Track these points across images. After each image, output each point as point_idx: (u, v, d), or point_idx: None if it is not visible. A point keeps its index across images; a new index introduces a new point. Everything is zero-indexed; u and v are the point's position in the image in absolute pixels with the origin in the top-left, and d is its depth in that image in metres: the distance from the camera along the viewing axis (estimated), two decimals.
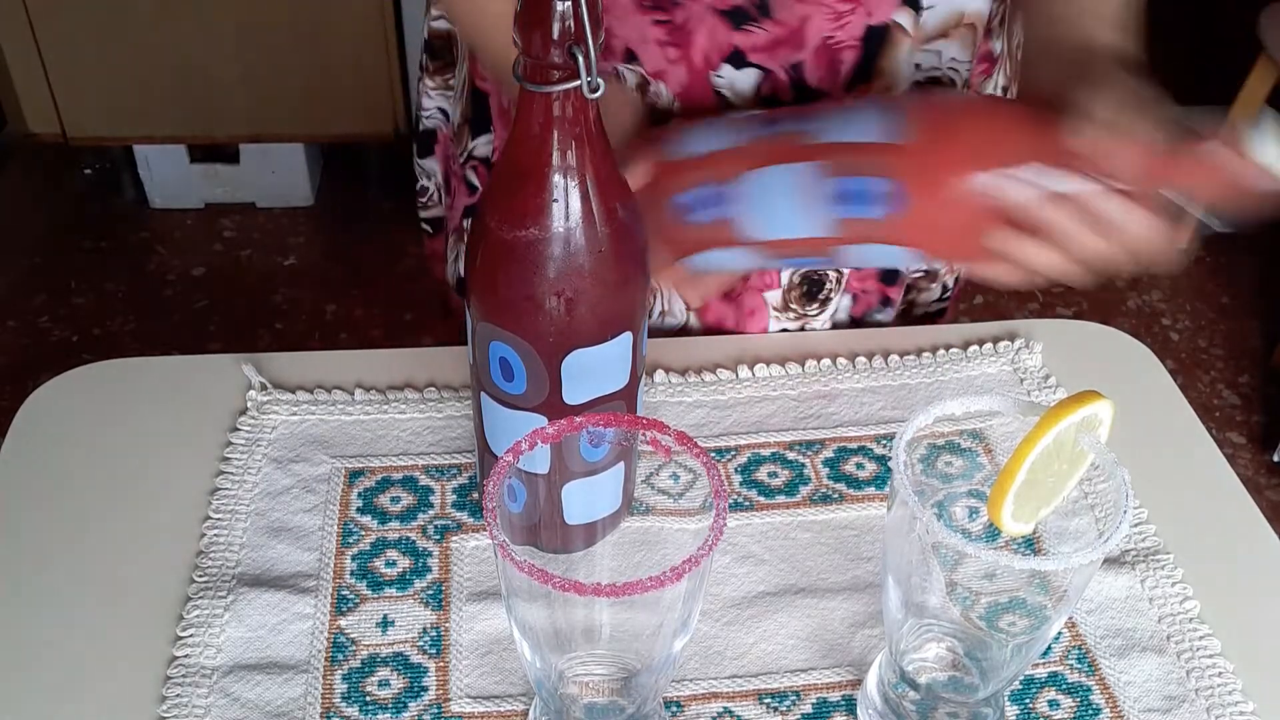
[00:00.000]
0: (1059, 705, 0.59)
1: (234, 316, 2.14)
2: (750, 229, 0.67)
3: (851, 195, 0.63)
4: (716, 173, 0.68)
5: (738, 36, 0.72)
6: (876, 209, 0.63)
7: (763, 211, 0.67)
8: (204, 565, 0.63)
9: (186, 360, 0.77)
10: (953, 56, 0.74)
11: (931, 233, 0.64)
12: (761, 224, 0.67)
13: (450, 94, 0.88)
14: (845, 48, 0.72)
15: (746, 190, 0.66)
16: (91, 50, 2.07)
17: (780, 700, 0.59)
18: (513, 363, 0.56)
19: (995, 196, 0.60)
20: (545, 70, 0.50)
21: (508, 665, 0.60)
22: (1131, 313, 2.27)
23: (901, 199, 0.62)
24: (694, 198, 0.68)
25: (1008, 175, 0.60)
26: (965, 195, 0.61)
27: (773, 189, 0.66)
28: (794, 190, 0.65)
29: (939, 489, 0.56)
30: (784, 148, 0.66)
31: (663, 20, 0.72)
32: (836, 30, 0.72)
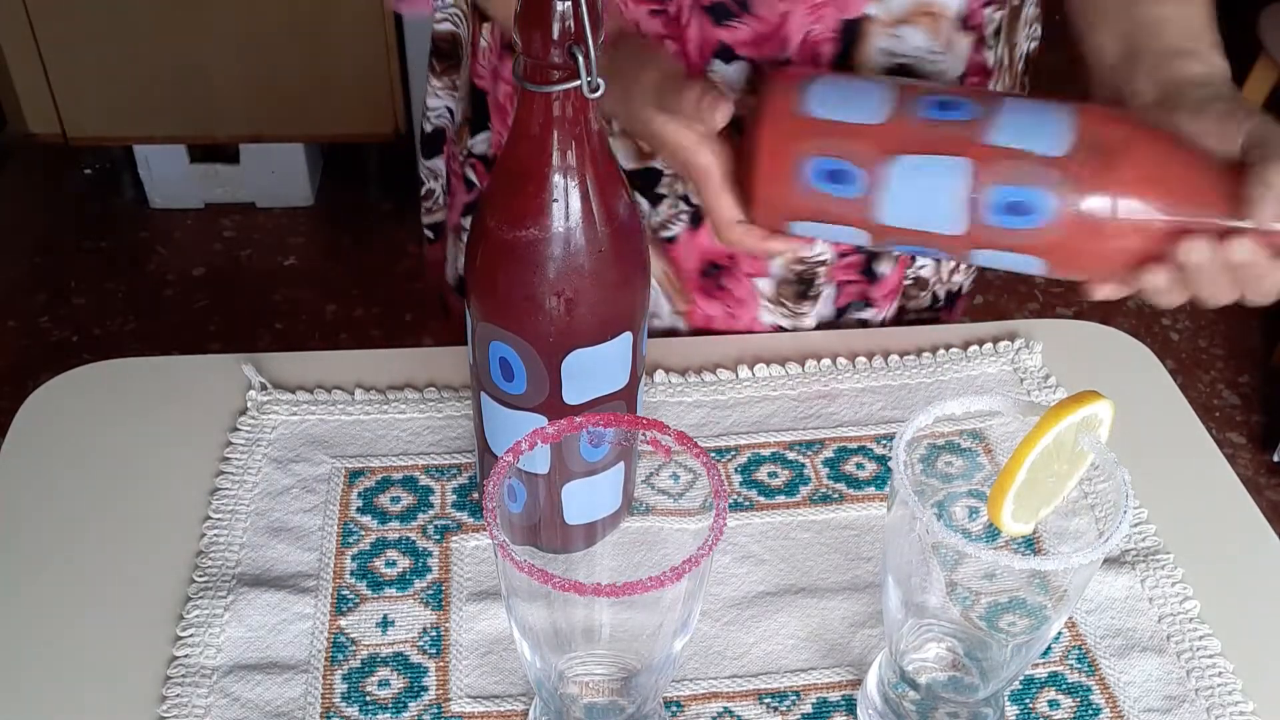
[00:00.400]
0: (1059, 705, 0.59)
1: (234, 316, 2.14)
2: (886, 215, 0.64)
3: (1004, 205, 0.61)
4: (862, 148, 0.63)
5: (722, 32, 0.72)
6: (1027, 221, 0.61)
7: (905, 201, 0.63)
8: (204, 565, 0.63)
9: (186, 360, 0.77)
10: (917, 45, 0.73)
11: (1071, 253, 0.61)
12: (901, 212, 0.63)
13: (455, 94, 0.88)
14: (824, 40, 0.72)
15: (896, 175, 0.62)
16: (91, 50, 2.07)
17: (780, 700, 0.59)
18: (513, 363, 0.56)
19: (1154, 230, 0.59)
20: (545, 70, 0.50)
21: (508, 665, 0.60)
22: (1131, 313, 2.27)
23: (1055, 216, 0.60)
24: (831, 167, 0.63)
25: (1175, 213, 0.58)
26: (1120, 223, 0.59)
27: (924, 181, 0.62)
28: (947, 186, 0.62)
29: (939, 489, 0.56)
30: (940, 138, 0.62)
31: (657, 10, 0.73)
32: (814, 23, 0.72)
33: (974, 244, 0.63)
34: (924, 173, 0.62)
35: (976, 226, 0.62)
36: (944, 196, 0.62)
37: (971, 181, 0.61)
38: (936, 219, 0.63)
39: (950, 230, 0.63)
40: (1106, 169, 0.59)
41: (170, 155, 2.28)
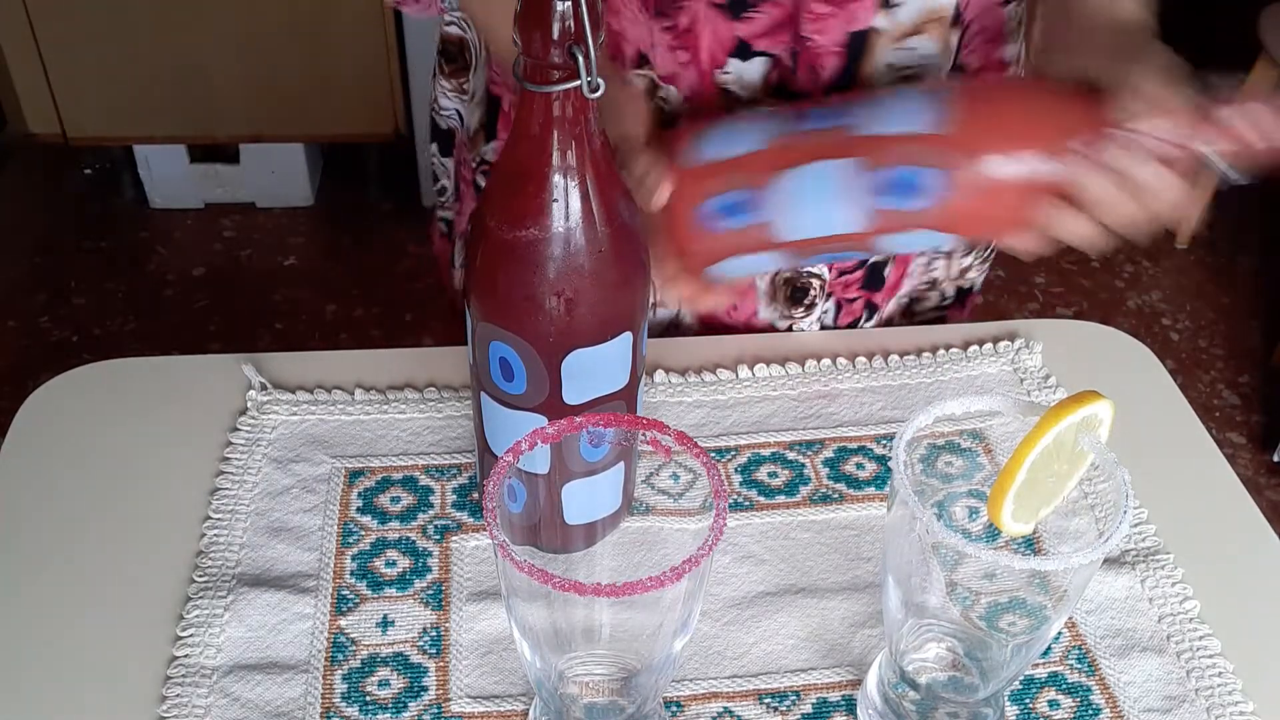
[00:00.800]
0: (1059, 705, 0.59)
1: (234, 316, 2.14)
2: (789, 230, 0.66)
3: (894, 188, 0.63)
4: (748, 175, 0.66)
5: (739, 26, 0.72)
6: (919, 200, 0.63)
7: (803, 211, 0.65)
8: (204, 565, 0.63)
9: (186, 360, 0.77)
10: (927, 53, 0.74)
11: (969, 215, 0.63)
12: (801, 224, 0.66)
13: (464, 97, 0.88)
14: (828, 53, 0.72)
15: (785, 190, 0.65)
16: (91, 50, 2.07)
17: (780, 700, 0.59)
18: (513, 363, 0.56)
19: (1038, 176, 0.61)
20: (545, 70, 0.50)
21: (508, 665, 0.60)
22: (1131, 313, 2.27)
23: (944, 186, 0.62)
24: (725, 203, 0.66)
25: (1050, 155, 0.60)
26: (1008, 178, 0.61)
27: (814, 187, 0.64)
28: (836, 187, 0.64)
29: (939, 489, 0.56)
30: (821, 144, 0.65)
31: (668, 26, 0.72)
32: (816, 33, 0.72)
33: (879, 234, 0.65)
34: (810, 180, 0.64)
35: (876, 216, 0.64)
36: (835, 196, 0.64)
37: (857, 175, 0.63)
38: (835, 220, 0.65)
39: (851, 228, 0.65)
40: (982, 130, 0.62)
41: (170, 155, 2.28)
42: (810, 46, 0.72)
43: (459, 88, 0.88)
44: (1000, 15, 0.76)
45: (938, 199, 0.62)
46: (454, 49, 0.87)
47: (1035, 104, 0.63)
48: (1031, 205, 0.62)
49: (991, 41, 0.77)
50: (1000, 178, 0.61)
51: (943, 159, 0.62)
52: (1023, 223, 0.63)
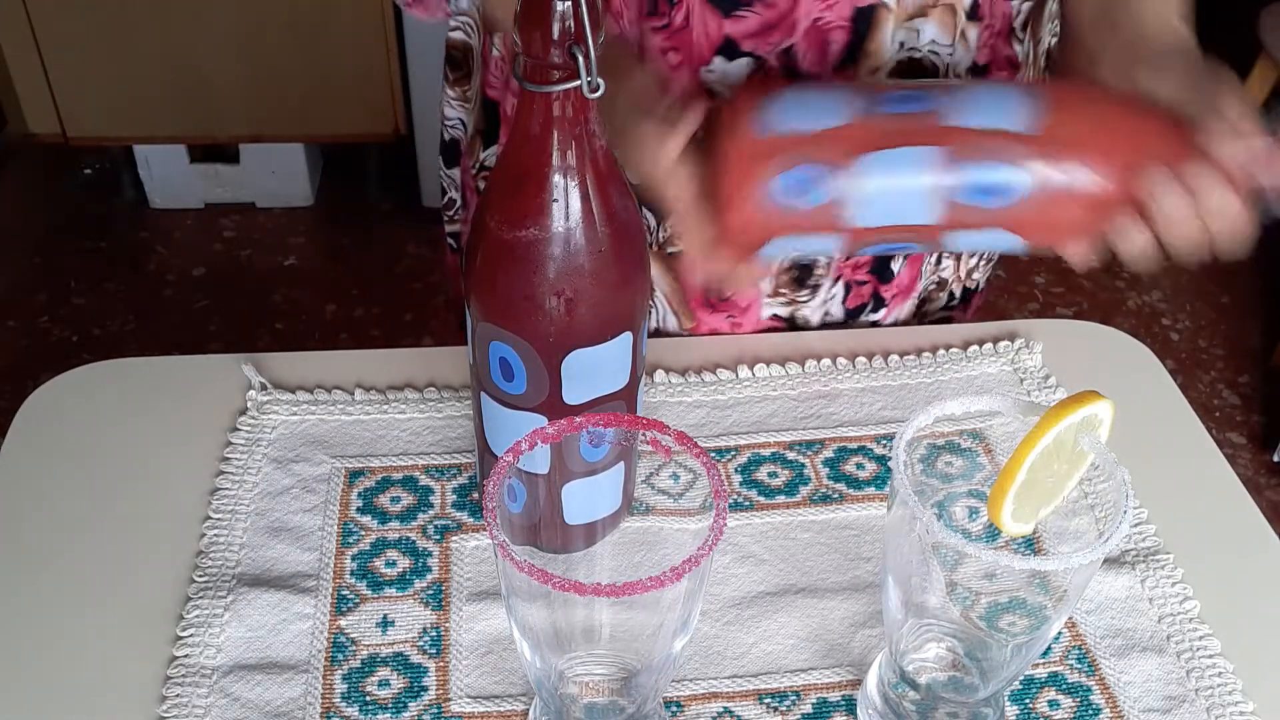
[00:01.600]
0: (1059, 705, 0.59)
1: (234, 316, 2.14)
2: (859, 215, 0.63)
3: (980, 185, 0.61)
4: (825, 152, 0.62)
5: (729, 25, 0.72)
6: (1003, 199, 0.62)
7: (878, 197, 0.63)
8: (204, 565, 0.63)
9: (186, 360, 0.77)
10: (931, 38, 0.74)
11: (1046, 223, 0.63)
12: (874, 210, 0.63)
13: (468, 105, 0.88)
14: (835, 28, 0.72)
15: (867, 172, 0.62)
16: (91, 50, 2.07)
17: (780, 700, 0.59)
18: (513, 363, 0.56)
19: (1118, 189, 0.61)
20: (545, 70, 0.50)
21: (508, 665, 0.60)
22: (1131, 313, 2.27)
23: (1030, 190, 0.61)
24: (796, 179, 0.62)
25: (1133, 170, 0.60)
26: (1089, 188, 0.61)
27: (895, 173, 0.62)
28: (921, 175, 0.62)
29: (939, 489, 0.56)
30: (907, 129, 0.62)
31: (660, 26, 0.72)
32: (825, 10, 0.72)
33: (949, 230, 0.64)
34: (893, 165, 0.62)
35: (951, 211, 0.63)
36: (915, 186, 0.62)
37: (941, 166, 0.61)
38: (910, 211, 0.63)
39: (925, 220, 0.63)
40: (1073, 137, 0.61)
41: (170, 155, 2.28)
42: (819, 23, 0.72)
43: (463, 95, 0.87)
44: (1006, 9, 0.76)
45: (1019, 200, 0.61)
46: (459, 55, 0.86)
47: (1123, 116, 0.63)
48: (1105, 217, 0.61)
49: (999, 36, 0.77)
50: (1081, 187, 0.61)
51: (1025, 159, 0.61)
52: (1092, 233, 0.62)
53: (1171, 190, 0.60)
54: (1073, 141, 0.61)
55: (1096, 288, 2.33)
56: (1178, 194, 0.60)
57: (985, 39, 0.76)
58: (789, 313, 0.84)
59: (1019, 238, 0.64)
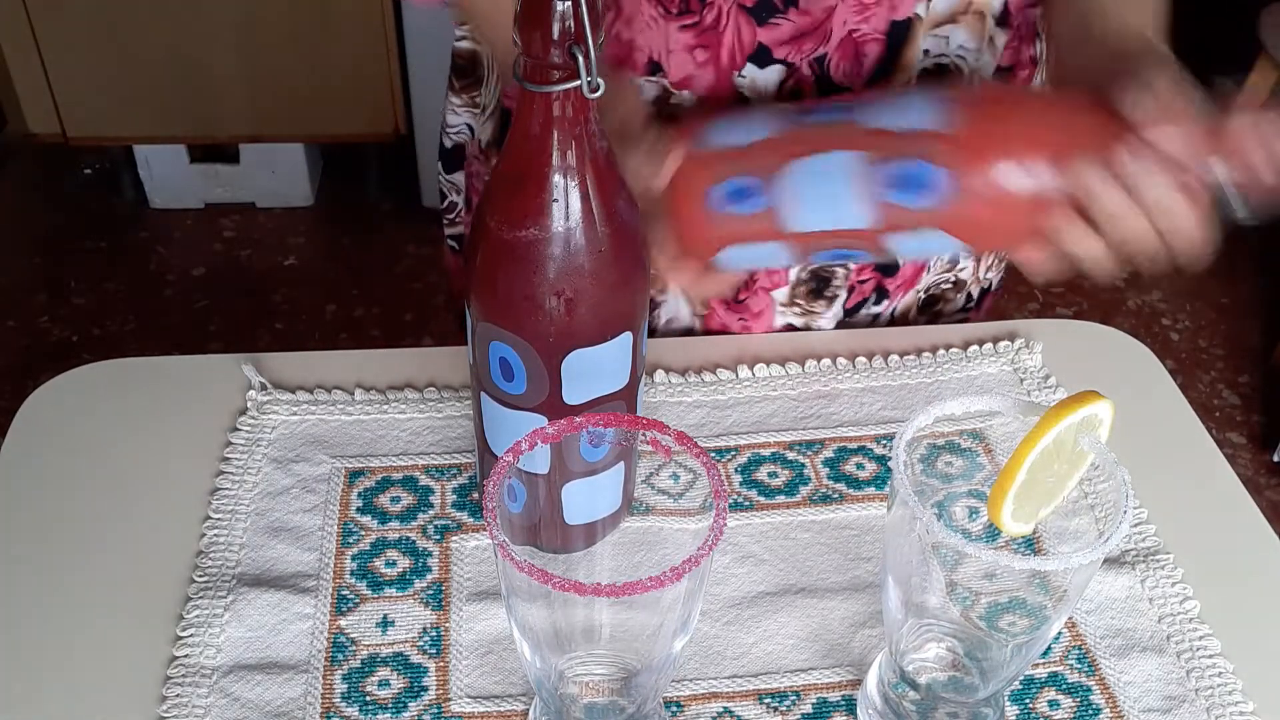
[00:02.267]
0: (1059, 705, 0.59)
1: (234, 316, 2.14)
2: (794, 220, 0.65)
3: (901, 182, 0.62)
4: (757, 162, 0.65)
5: (763, 32, 0.72)
6: (925, 197, 0.62)
7: (808, 201, 0.65)
8: (204, 565, 0.63)
9: (186, 360, 0.77)
10: (960, 44, 0.74)
11: (979, 222, 0.63)
12: (806, 215, 0.65)
13: (476, 111, 0.88)
14: (870, 40, 0.72)
15: (792, 179, 0.64)
16: (91, 50, 2.07)
17: (780, 700, 0.59)
18: (513, 363, 0.56)
19: (1048, 185, 0.60)
20: (545, 70, 0.50)
21: (508, 665, 0.60)
22: (1131, 313, 2.27)
23: (951, 187, 0.61)
24: (732, 188, 0.66)
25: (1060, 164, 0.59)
26: (1016, 183, 0.60)
27: (820, 177, 0.64)
28: (842, 178, 0.63)
29: (939, 489, 0.56)
30: (829, 135, 0.64)
31: (690, 24, 0.72)
32: (861, 22, 0.72)
33: (886, 232, 0.65)
34: (818, 170, 0.64)
35: (881, 213, 0.64)
36: (841, 189, 0.64)
37: (865, 168, 0.63)
38: (842, 214, 0.65)
39: (859, 223, 0.65)
40: (996, 134, 0.61)
41: (170, 155, 2.28)
42: (854, 34, 0.72)
43: (471, 101, 0.87)
44: (1030, 14, 0.77)
45: (944, 197, 0.62)
46: (465, 63, 0.86)
47: (1045, 110, 0.63)
48: (1041, 217, 0.61)
49: (1024, 40, 0.78)
50: (1009, 186, 0.60)
51: (949, 157, 0.61)
52: (1033, 235, 0.62)
53: (1106, 184, 0.58)
54: (994, 135, 0.61)
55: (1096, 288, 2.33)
56: (1113, 188, 0.58)
57: (1011, 42, 0.77)
58: (804, 323, 0.84)
59: (957, 239, 0.64)
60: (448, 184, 0.93)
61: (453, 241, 0.96)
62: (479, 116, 0.88)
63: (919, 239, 0.65)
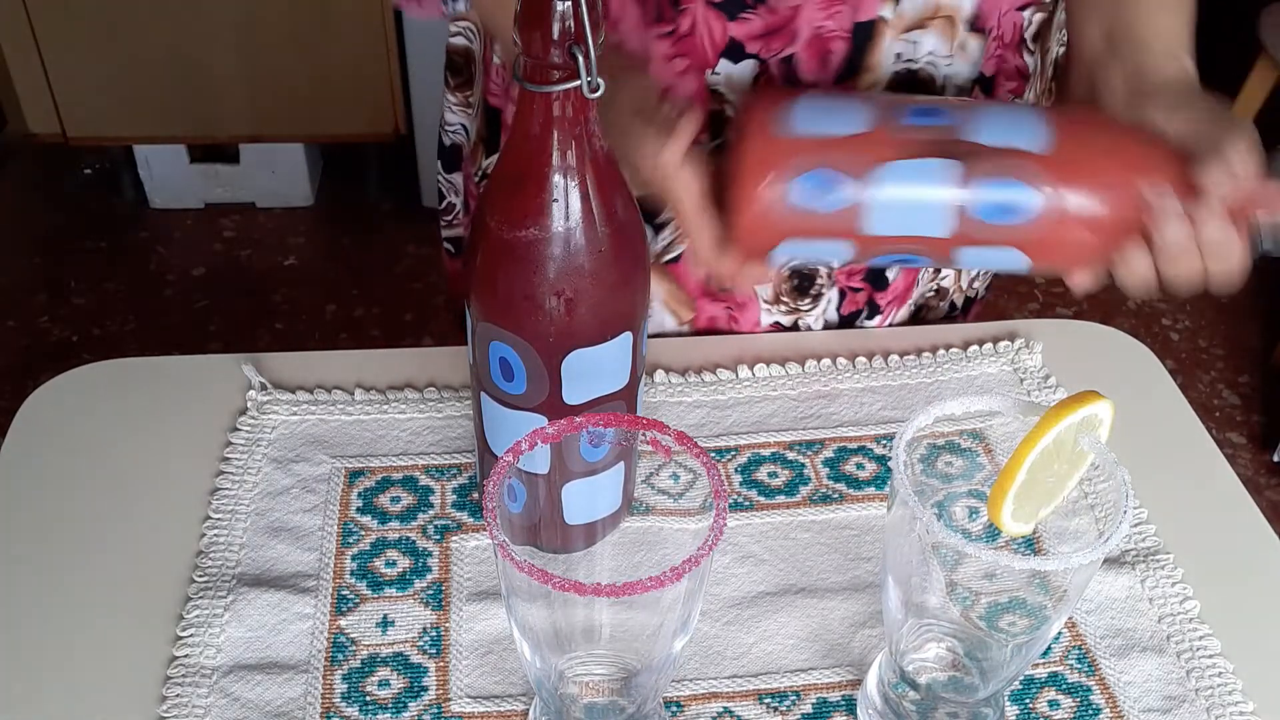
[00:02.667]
0: (1059, 705, 0.59)
1: (234, 316, 2.14)
2: (877, 223, 0.64)
3: (992, 199, 0.62)
4: (847, 158, 0.63)
5: (733, 27, 0.72)
6: (1015, 216, 0.62)
7: (897, 206, 0.63)
8: (204, 565, 0.63)
9: (186, 360, 0.77)
10: (930, 49, 0.74)
11: (1056, 246, 0.63)
12: (892, 219, 0.64)
13: (469, 110, 0.88)
14: (835, 38, 0.72)
15: (884, 180, 0.63)
16: (91, 50, 2.07)
17: (780, 700, 0.59)
18: (513, 363, 0.56)
19: (1127, 216, 0.61)
20: (545, 70, 0.50)
21: (508, 665, 0.60)
22: (1131, 313, 2.27)
23: (1042, 209, 0.61)
24: (818, 181, 0.63)
25: (1141, 199, 0.61)
26: (1099, 214, 0.61)
27: (913, 183, 0.63)
28: (935, 187, 0.63)
29: (939, 489, 0.56)
30: (927, 141, 0.63)
31: (667, 33, 0.72)
32: (826, 20, 0.72)
33: (960, 244, 0.64)
34: (912, 176, 0.62)
35: (965, 226, 0.63)
36: (933, 198, 0.63)
37: (960, 180, 0.62)
38: (925, 222, 0.64)
39: (939, 233, 0.63)
40: (1087, 161, 0.62)
41: (170, 155, 2.28)
42: (820, 32, 0.72)
43: (464, 101, 0.87)
44: (1017, 20, 0.76)
45: (1030, 218, 0.62)
46: (460, 61, 0.86)
47: (1133, 144, 0.63)
48: (1112, 243, 0.62)
49: (1009, 47, 0.77)
50: (1091, 211, 0.61)
51: (1043, 179, 0.61)
52: (1099, 260, 0.63)
53: (1175, 219, 0.60)
54: (1085, 164, 0.62)
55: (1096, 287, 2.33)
56: (1181, 224, 0.60)
57: (993, 49, 0.76)
58: (790, 320, 0.84)
59: (1027, 257, 0.64)
60: (446, 184, 0.93)
61: (449, 245, 0.96)
62: (472, 116, 0.88)
63: (992, 254, 0.65)
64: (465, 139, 0.89)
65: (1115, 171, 0.62)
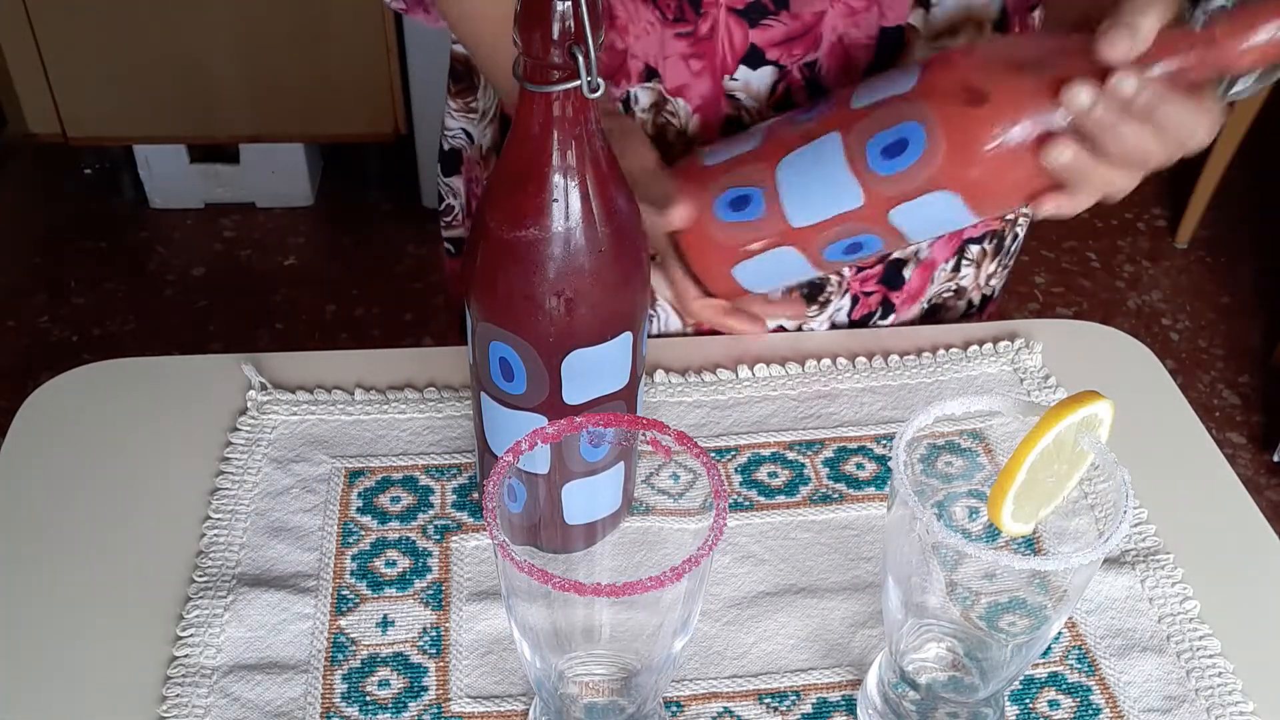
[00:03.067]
0: (1059, 705, 0.59)
1: (234, 316, 2.14)
2: (796, 214, 0.67)
3: (888, 148, 0.62)
4: (751, 168, 0.67)
5: (754, 34, 0.72)
6: (915, 155, 0.61)
7: (805, 191, 0.66)
8: (204, 565, 0.63)
9: (186, 360, 0.77)
10: None
11: (980, 172, 0.61)
12: (806, 205, 0.66)
13: (473, 116, 0.88)
14: (860, 46, 0.72)
15: (785, 173, 0.66)
16: (91, 50, 2.07)
17: (780, 700, 0.59)
18: (513, 363, 0.56)
19: (1042, 128, 0.58)
20: (545, 70, 0.50)
21: (508, 665, 0.60)
22: (1131, 313, 2.27)
23: (932, 137, 0.61)
24: (732, 197, 0.68)
25: (1046, 102, 0.58)
26: (1012, 136, 0.59)
27: (811, 164, 0.65)
28: (832, 160, 0.64)
29: (939, 489, 0.56)
30: (812, 127, 0.66)
31: (685, 32, 0.72)
32: (850, 27, 0.72)
33: (885, 207, 0.65)
34: (805, 160, 0.66)
35: (872, 185, 0.64)
36: (830, 172, 0.65)
37: (844, 145, 0.64)
38: (838, 196, 0.65)
39: (856, 202, 0.65)
40: (957, 78, 0.61)
41: (170, 155, 2.28)
42: (844, 40, 0.72)
43: (466, 107, 0.87)
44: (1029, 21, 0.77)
45: (924, 152, 0.61)
46: (461, 68, 0.86)
47: (1017, 42, 0.63)
48: (1029, 153, 0.59)
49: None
50: (983, 123, 0.59)
51: (916, 111, 0.61)
52: (1042, 179, 0.60)
53: (1109, 109, 0.56)
54: (955, 81, 0.61)
55: (1096, 288, 2.33)
56: (1116, 112, 0.56)
57: None
58: (796, 326, 0.84)
59: (959, 198, 0.63)
60: (446, 187, 0.93)
61: (449, 245, 0.96)
62: (476, 122, 0.88)
63: (924, 208, 0.64)
64: (466, 143, 0.89)
65: (996, 75, 0.60)
